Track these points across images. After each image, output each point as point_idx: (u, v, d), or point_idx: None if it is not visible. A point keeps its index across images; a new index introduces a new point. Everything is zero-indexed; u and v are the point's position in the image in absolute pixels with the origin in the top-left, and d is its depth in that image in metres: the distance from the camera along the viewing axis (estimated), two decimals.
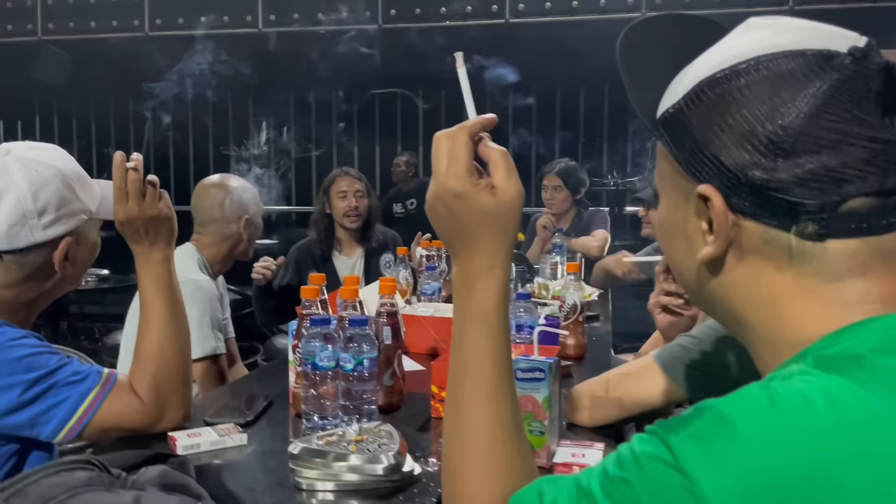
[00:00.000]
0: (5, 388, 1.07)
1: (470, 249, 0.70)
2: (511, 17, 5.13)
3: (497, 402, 0.69)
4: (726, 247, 0.60)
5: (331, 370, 1.21)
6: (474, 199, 0.68)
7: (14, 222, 1.13)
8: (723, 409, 0.53)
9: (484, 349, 0.69)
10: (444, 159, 0.69)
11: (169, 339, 1.19)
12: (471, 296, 0.70)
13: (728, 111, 0.57)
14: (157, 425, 1.16)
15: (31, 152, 1.18)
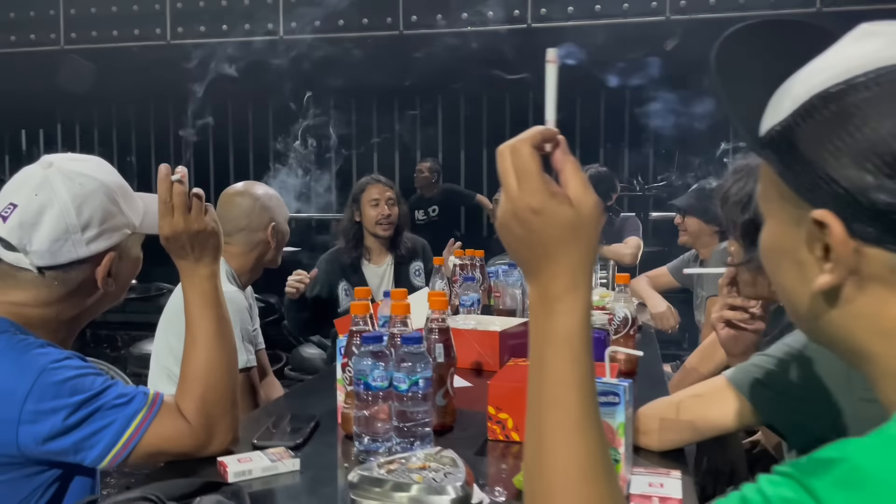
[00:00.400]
0: (49, 412, 1.03)
1: (551, 268, 0.64)
2: (533, 21, 5.09)
3: (585, 436, 0.63)
4: (845, 276, 0.54)
5: (384, 390, 1.15)
6: (555, 214, 0.63)
7: (57, 237, 1.09)
8: (868, 453, 0.47)
9: (569, 377, 0.63)
10: (514, 175, 0.64)
11: (216, 358, 1.14)
12: (552, 319, 0.64)
13: (846, 129, 0.51)
14: (205, 449, 1.11)
15: (74, 164, 1.14)
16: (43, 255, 1.10)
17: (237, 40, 5.29)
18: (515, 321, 1.86)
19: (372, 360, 1.15)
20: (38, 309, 1.13)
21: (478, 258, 2.44)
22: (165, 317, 1.99)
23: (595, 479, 0.61)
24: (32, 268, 1.10)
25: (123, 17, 5.43)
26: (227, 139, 7.06)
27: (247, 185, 2.12)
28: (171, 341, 1.92)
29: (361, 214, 2.90)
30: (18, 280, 1.12)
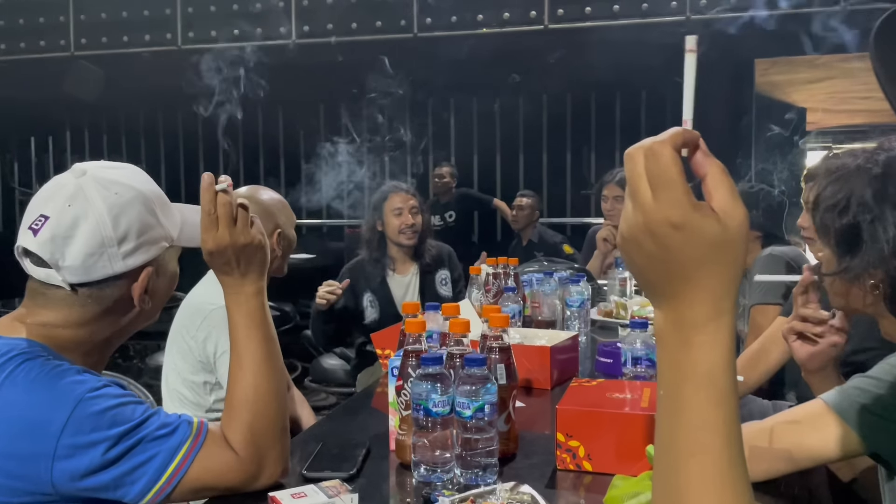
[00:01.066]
0: (88, 445, 0.94)
1: (690, 293, 0.54)
2: (550, 22, 5.01)
3: (733, 491, 0.53)
4: None
5: (445, 416, 1.06)
6: (699, 230, 0.53)
7: (92, 251, 1.00)
8: None
9: (713, 421, 0.53)
10: (647, 182, 0.54)
11: (265, 383, 1.05)
12: (691, 352, 0.54)
13: None
14: (255, 482, 1.02)
15: (109, 172, 1.05)
16: (76, 271, 1.01)
17: (249, 44, 5.23)
18: (562, 335, 1.77)
19: (431, 383, 1.06)
20: (70, 330, 1.04)
21: (512, 266, 2.35)
22: (171, 336, 1.90)
23: None
24: (65, 285, 1.02)
25: (134, 23, 5.38)
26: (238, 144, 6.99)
27: (251, 189, 2.03)
28: (177, 363, 1.84)
29: (384, 223, 2.80)
30: (49, 299, 1.03)
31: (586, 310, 2.14)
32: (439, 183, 5.40)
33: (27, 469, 0.93)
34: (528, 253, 4.04)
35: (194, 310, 1.82)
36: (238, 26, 5.23)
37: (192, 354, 1.80)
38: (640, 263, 0.56)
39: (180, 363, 1.81)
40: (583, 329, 2.08)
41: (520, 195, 4.96)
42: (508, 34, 5.02)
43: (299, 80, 5.86)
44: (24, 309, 1.06)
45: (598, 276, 3.02)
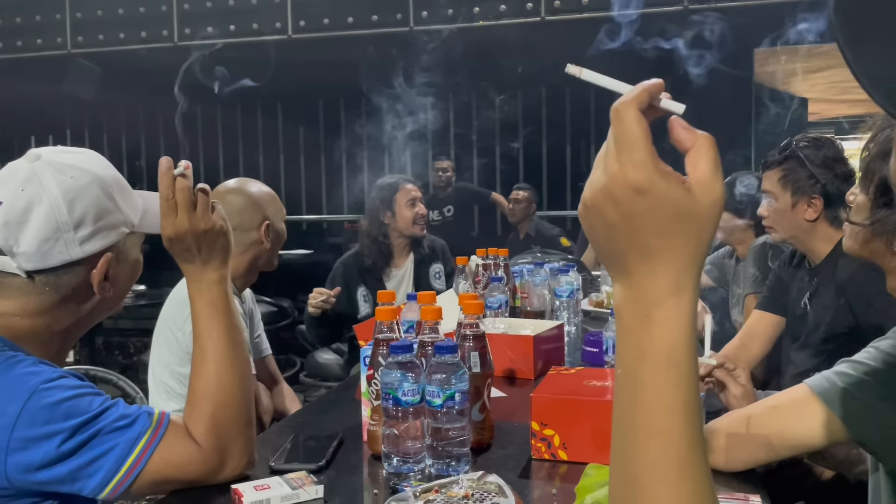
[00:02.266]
0: (42, 438, 0.91)
1: (650, 266, 0.50)
2: (547, 14, 4.96)
3: (692, 475, 0.50)
4: None
5: (415, 405, 1.03)
6: (665, 197, 0.48)
7: (47, 237, 0.97)
8: None
9: (672, 402, 0.50)
10: (613, 145, 0.50)
11: (228, 373, 1.02)
12: (650, 329, 0.50)
13: None
14: (217, 475, 1.00)
15: (64, 156, 1.02)
16: (31, 258, 0.98)
17: (245, 40, 5.21)
18: (547, 324, 1.73)
19: (401, 371, 1.03)
20: (27, 319, 1.01)
21: (502, 257, 2.32)
22: (157, 328, 1.88)
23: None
24: (20, 272, 0.99)
25: (130, 20, 5.37)
26: (238, 141, 6.98)
27: (240, 181, 2.00)
28: (164, 355, 1.82)
29: (393, 214, 2.78)
30: (4, 287, 1.00)
31: (576, 300, 2.10)
32: (441, 177, 5.36)
33: None
34: (526, 246, 4.00)
35: (180, 302, 1.80)
36: (234, 22, 5.21)
37: (178, 346, 1.78)
38: (601, 233, 0.52)
39: (167, 355, 1.78)
40: (572, 319, 2.05)
41: (516, 188, 4.93)
42: (505, 27, 4.99)
43: (297, 76, 5.84)
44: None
45: (592, 268, 2.99)
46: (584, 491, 0.89)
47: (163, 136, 7.05)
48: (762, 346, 1.96)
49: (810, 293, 1.83)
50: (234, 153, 6.96)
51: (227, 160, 6.93)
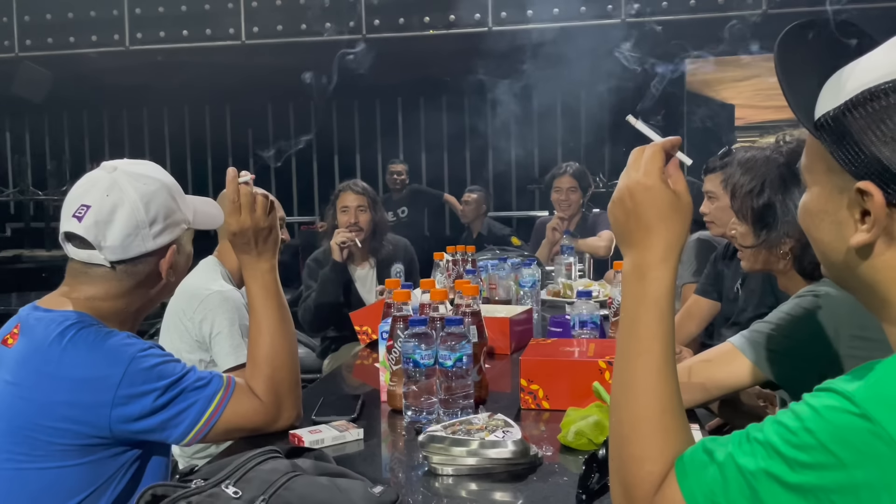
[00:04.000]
0: (140, 395, 1.13)
1: (648, 241, 0.79)
2: (494, 24, 5.23)
3: (666, 378, 0.77)
4: (879, 234, 0.69)
5: (430, 367, 1.29)
6: (662, 192, 0.79)
7: (129, 232, 1.19)
8: (893, 365, 0.63)
9: (655, 332, 0.78)
10: (640, 161, 0.80)
11: (281, 342, 1.26)
12: (645, 284, 0.78)
13: (891, 119, 0.66)
14: (275, 424, 1.23)
15: (136, 167, 1.25)
16: (116, 250, 1.19)
17: (198, 45, 5.30)
18: (518, 309, 2.02)
19: (418, 341, 1.29)
20: (109, 302, 1.22)
21: (470, 253, 2.58)
22: (167, 320, 2.06)
23: (672, 412, 0.76)
24: (106, 262, 1.20)
25: (80, 24, 5.36)
26: (185, 143, 7.02)
27: None
28: (174, 342, 2.00)
29: (336, 220, 2.96)
30: (91, 276, 1.22)
31: (537, 290, 2.39)
32: (397, 180, 5.58)
33: (89, 416, 1.12)
34: (479, 245, 4.25)
35: (190, 295, 2.00)
36: (187, 27, 5.28)
37: (188, 335, 1.98)
38: (619, 217, 0.81)
39: (178, 343, 1.98)
40: (535, 307, 2.33)
41: (468, 190, 5.17)
42: (454, 36, 5.22)
43: (248, 81, 5.94)
44: (66, 287, 1.24)
45: (546, 263, 3.29)
46: (568, 424, 1.17)
47: (107, 139, 7.08)
48: (698, 325, 2.29)
49: (741, 280, 2.16)
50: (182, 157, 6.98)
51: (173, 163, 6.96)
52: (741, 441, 0.68)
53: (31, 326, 1.19)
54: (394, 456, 1.18)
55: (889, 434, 0.59)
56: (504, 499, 1.01)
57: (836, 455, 0.61)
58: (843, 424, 0.61)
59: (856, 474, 0.60)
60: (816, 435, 0.62)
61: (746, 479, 0.65)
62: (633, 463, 0.76)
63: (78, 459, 1.14)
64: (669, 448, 0.74)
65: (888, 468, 0.59)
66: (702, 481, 0.69)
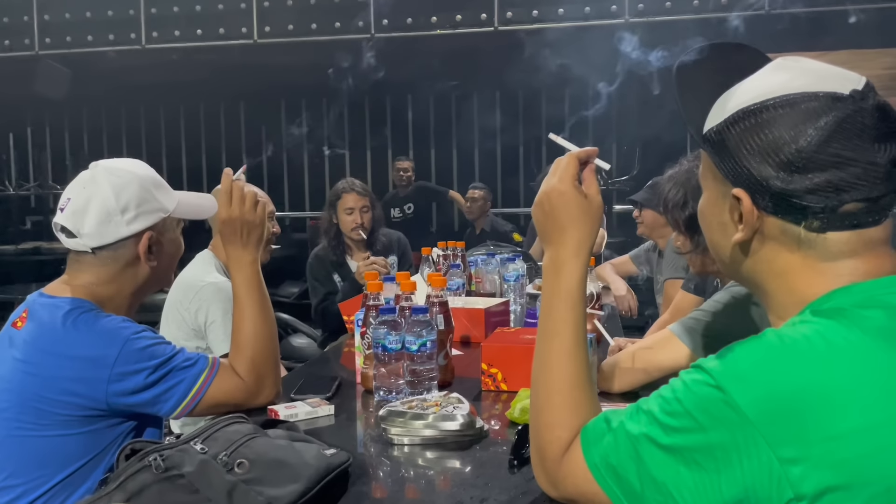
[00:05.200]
0: (134, 372, 1.27)
1: (561, 239, 0.92)
2: (500, 24, 5.33)
3: (576, 358, 0.90)
4: (752, 234, 0.81)
5: (397, 352, 1.42)
6: (574, 197, 0.92)
7: (102, 220, 1.32)
8: (746, 345, 0.75)
9: (568, 318, 0.91)
10: (558, 170, 0.94)
11: (262, 327, 1.40)
12: (559, 277, 0.92)
13: (758, 135, 0.77)
14: (255, 400, 1.37)
15: (114, 163, 1.39)
16: (94, 237, 1.33)
17: (211, 44, 5.45)
18: (496, 301, 2.14)
19: (387, 328, 1.42)
20: (101, 287, 1.35)
21: (459, 249, 2.71)
22: (166, 310, 2.20)
23: (581, 387, 0.89)
24: (88, 248, 1.34)
25: (98, 23, 5.52)
26: (201, 139, 7.19)
27: None
28: (173, 332, 2.14)
29: (337, 219, 3.08)
30: (81, 264, 1.36)
31: (521, 283, 2.52)
32: (403, 176, 5.71)
33: (88, 390, 1.26)
34: (481, 241, 4.39)
35: (187, 286, 2.15)
36: (201, 26, 5.43)
37: (185, 324, 2.13)
38: (539, 218, 0.95)
39: (176, 332, 2.13)
40: (518, 300, 2.46)
41: (472, 188, 5.28)
42: (460, 35, 5.33)
43: (261, 79, 6.08)
44: (66, 275, 1.39)
45: (538, 258, 3.41)
46: (517, 402, 1.30)
47: (125, 136, 7.26)
48: None
49: None
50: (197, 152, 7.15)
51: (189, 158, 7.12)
52: (632, 412, 0.81)
53: (37, 311, 1.33)
54: (361, 430, 1.32)
55: (736, 402, 0.71)
56: (449, 465, 1.14)
57: (698, 420, 0.73)
58: (703, 395, 0.74)
59: (712, 436, 0.72)
60: (683, 404, 0.75)
61: (632, 442, 0.78)
62: (546, 429, 0.89)
63: (79, 429, 1.29)
64: (577, 418, 0.87)
65: (736, 431, 0.71)
66: (599, 445, 0.82)
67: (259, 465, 0.87)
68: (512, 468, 1.06)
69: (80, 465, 1.30)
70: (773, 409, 0.70)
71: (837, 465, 0.68)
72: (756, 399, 0.70)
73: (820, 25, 4.20)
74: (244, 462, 0.86)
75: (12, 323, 1.36)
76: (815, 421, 0.69)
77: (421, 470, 1.14)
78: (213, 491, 0.82)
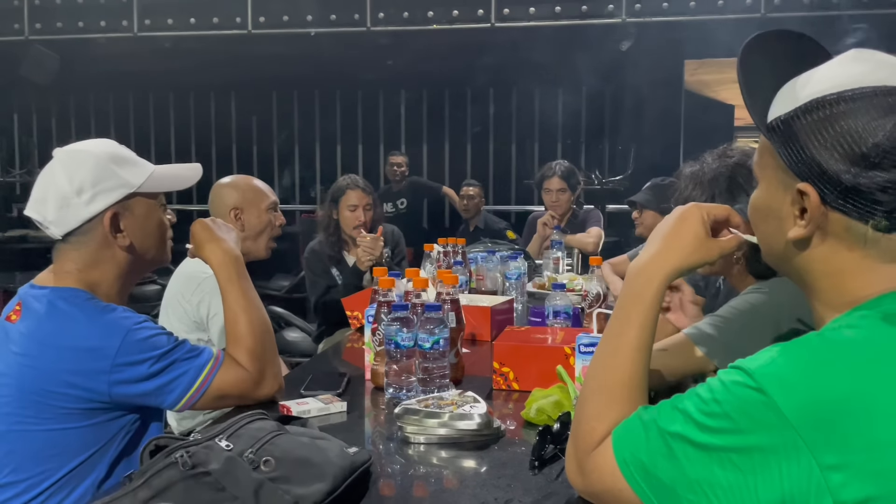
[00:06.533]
0: (136, 363, 1.25)
1: (665, 251, 0.92)
2: (497, 21, 5.31)
3: (634, 360, 0.89)
4: (814, 230, 0.79)
5: (409, 349, 1.41)
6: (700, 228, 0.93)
7: (60, 205, 1.29)
8: (789, 347, 0.74)
9: (634, 321, 0.90)
10: (713, 206, 0.96)
11: (258, 319, 1.38)
12: (640, 282, 0.92)
13: (832, 127, 0.75)
14: (259, 391, 1.35)
15: (73, 146, 1.35)
16: (58, 223, 1.30)
17: (204, 34, 5.40)
18: (501, 299, 2.13)
19: (399, 324, 1.41)
20: (84, 273, 1.32)
21: (459, 245, 2.69)
22: (165, 302, 2.17)
23: (630, 387, 0.87)
24: (58, 236, 1.31)
25: (89, 9, 5.44)
26: (190, 129, 7.12)
27: (235, 178, 2.30)
28: (173, 324, 2.10)
29: (339, 214, 3.05)
30: (61, 252, 1.33)
31: (522, 282, 2.51)
32: (396, 171, 5.68)
33: (89, 382, 1.24)
34: (475, 237, 4.37)
35: (188, 278, 2.11)
36: (194, 15, 5.37)
37: (187, 317, 2.10)
38: (664, 222, 0.95)
39: (176, 324, 2.10)
40: (519, 298, 2.45)
41: (466, 185, 5.26)
42: (457, 31, 5.31)
43: (253, 70, 6.03)
44: (54, 265, 1.36)
45: (536, 256, 3.41)
46: (531, 402, 1.29)
47: (113, 123, 7.18)
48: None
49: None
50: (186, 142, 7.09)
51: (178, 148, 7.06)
52: (665, 409, 0.80)
53: (31, 303, 1.31)
54: (374, 428, 1.30)
55: (778, 406, 0.70)
56: (467, 465, 1.13)
57: (737, 422, 0.73)
58: (744, 397, 0.73)
59: (750, 439, 0.72)
60: (722, 405, 0.74)
61: (664, 438, 0.77)
62: (584, 419, 0.88)
63: (81, 422, 1.26)
64: (616, 413, 0.86)
65: (777, 435, 0.70)
66: (629, 440, 0.81)
67: (285, 463, 0.86)
68: (533, 469, 1.05)
69: (82, 459, 1.28)
70: (817, 414, 0.69)
71: (879, 475, 0.68)
72: (799, 404, 0.70)
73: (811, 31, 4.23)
74: (270, 460, 0.85)
75: (6, 317, 1.33)
76: (859, 428, 0.68)
77: (440, 469, 1.12)
78: (239, 489, 0.80)
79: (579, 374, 1.23)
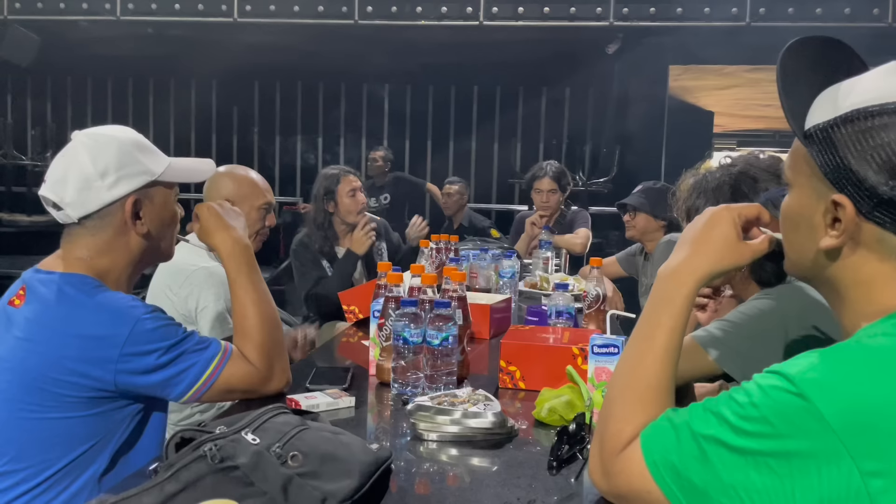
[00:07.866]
0: (145, 353, 1.22)
1: (696, 254, 0.92)
2: (485, 19, 5.31)
3: (662, 362, 0.90)
4: (846, 240, 0.79)
5: (418, 345, 1.40)
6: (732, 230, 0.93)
7: (81, 186, 1.26)
8: (829, 353, 0.75)
9: (665, 325, 0.91)
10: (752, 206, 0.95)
11: (268, 313, 1.36)
12: (672, 285, 0.92)
13: (872, 138, 0.75)
14: (267, 386, 1.32)
15: (97, 129, 1.32)
16: (76, 206, 1.27)
17: (189, 20, 5.33)
18: (498, 297, 2.13)
19: (408, 320, 1.40)
20: (95, 260, 1.29)
21: (452, 242, 2.69)
22: (151, 291, 2.12)
23: (656, 388, 0.88)
24: (74, 219, 1.28)
25: None
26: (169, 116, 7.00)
27: (230, 167, 2.25)
28: None
29: (336, 205, 3.03)
30: (73, 237, 1.30)
31: (515, 281, 2.51)
32: (375, 166, 5.65)
33: (96, 370, 1.21)
34: (459, 235, 4.37)
35: (176, 270, 2.05)
36: (178, 1, 5.30)
37: (174, 310, 2.04)
38: (690, 228, 0.95)
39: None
40: (513, 297, 2.45)
41: (448, 182, 5.24)
42: (445, 28, 5.30)
43: (236, 59, 5.96)
44: (62, 250, 1.32)
45: (524, 256, 3.41)
46: (542, 401, 1.29)
47: (91, 107, 7.05)
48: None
49: None
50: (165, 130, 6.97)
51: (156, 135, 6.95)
52: (697, 411, 0.80)
53: (37, 287, 1.27)
54: (381, 424, 1.29)
55: (819, 411, 0.70)
56: (482, 464, 1.12)
57: (775, 426, 0.73)
58: (783, 401, 0.73)
59: (789, 444, 0.72)
60: (760, 409, 0.74)
61: (698, 441, 0.77)
62: (611, 420, 0.87)
63: (85, 411, 1.23)
64: (643, 415, 0.86)
65: (816, 440, 0.71)
66: (659, 442, 0.81)
67: (312, 458, 0.84)
68: (551, 469, 1.05)
69: (84, 449, 1.25)
70: (858, 420, 0.70)
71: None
72: (841, 409, 0.70)
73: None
74: (297, 455, 0.83)
75: (9, 301, 1.30)
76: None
77: (457, 468, 1.12)
78: (268, 484, 0.79)
79: (591, 374, 1.23)
